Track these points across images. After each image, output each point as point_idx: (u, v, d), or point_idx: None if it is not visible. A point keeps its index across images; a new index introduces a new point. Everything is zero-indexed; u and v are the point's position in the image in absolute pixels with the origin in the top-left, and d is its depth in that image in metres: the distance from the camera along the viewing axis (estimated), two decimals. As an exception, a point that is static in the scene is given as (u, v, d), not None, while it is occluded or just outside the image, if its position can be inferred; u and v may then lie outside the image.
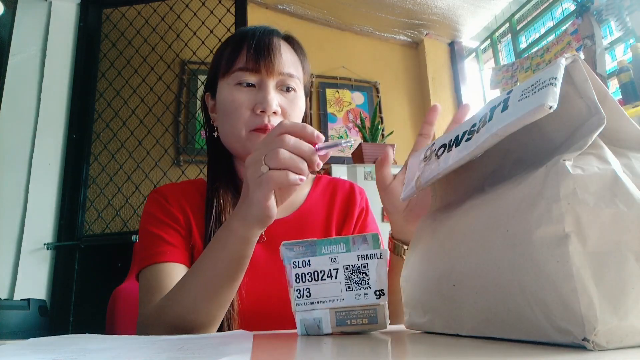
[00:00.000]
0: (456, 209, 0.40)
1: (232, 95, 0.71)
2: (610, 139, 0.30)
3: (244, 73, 0.70)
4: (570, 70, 0.30)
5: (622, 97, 1.90)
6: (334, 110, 3.10)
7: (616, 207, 0.26)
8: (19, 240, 2.14)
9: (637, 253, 0.25)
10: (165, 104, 2.46)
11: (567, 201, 0.26)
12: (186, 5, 2.53)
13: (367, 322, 0.41)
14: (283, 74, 0.72)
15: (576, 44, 2.37)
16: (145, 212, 0.74)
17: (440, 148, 0.41)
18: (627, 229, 0.25)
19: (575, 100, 0.30)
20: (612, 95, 0.31)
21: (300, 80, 0.76)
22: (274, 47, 0.72)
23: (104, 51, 2.51)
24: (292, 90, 0.73)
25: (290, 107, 0.72)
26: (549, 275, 0.26)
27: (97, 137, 2.40)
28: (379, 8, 3.02)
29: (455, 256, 0.35)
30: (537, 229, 0.27)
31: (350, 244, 0.42)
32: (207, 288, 0.56)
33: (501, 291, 0.30)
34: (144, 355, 0.31)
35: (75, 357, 0.31)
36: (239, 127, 0.70)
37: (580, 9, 2.35)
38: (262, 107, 0.69)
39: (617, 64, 2.02)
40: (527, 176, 0.30)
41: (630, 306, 0.24)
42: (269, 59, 0.70)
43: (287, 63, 0.73)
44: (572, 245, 0.25)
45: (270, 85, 0.70)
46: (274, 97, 0.70)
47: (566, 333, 0.25)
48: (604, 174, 0.26)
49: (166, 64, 2.50)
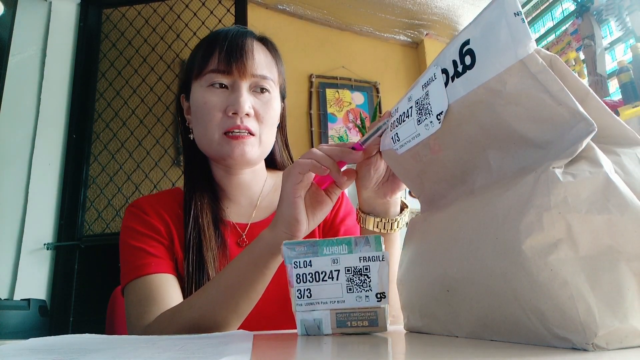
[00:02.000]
0: (446, 211, 0.39)
1: (205, 97, 0.70)
2: (597, 137, 0.30)
3: (216, 75, 0.70)
4: (542, 81, 0.29)
5: (622, 97, 1.90)
6: (334, 110, 3.10)
7: (609, 212, 0.25)
8: (19, 240, 2.13)
9: (629, 254, 0.25)
10: (165, 104, 2.46)
11: (558, 210, 0.26)
12: (186, 5, 2.53)
13: (367, 325, 0.41)
14: (256, 76, 0.71)
15: (576, 44, 2.37)
16: (124, 226, 0.73)
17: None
18: (619, 233, 0.25)
19: (554, 107, 0.29)
20: (592, 92, 0.31)
21: (275, 82, 0.75)
22: (247, 48, 0.71)
23: (104, 51, 2.51)
24: (267, 92, 0.72)
25: (264, 109, 0.71)
26: (543, 284, 0.26)
27: (97, 137, 2.40)
28: (379, 8, 3.01)
29: (448, 261, 0.35)
30: (527, 238, 0.27)
31: (352, 246, 0.42)
32: (226, 292, 0.56)
33: (496, 299, 0.30)
34: (144, 355, 0.31)
35: (75, 357, 0.31)
36: (211, 130, 0.69)
37: (580, 9, 2.35)
38: (234, 109, 0.68)
39: (617, 64, 2.02)
40: (516, 182, 0.30)
41: (629, 307, 0.24)
42: (241, 60, 0.69)
43: (260, 65, 0.72)
44: (563, 252, 0.25)
45: (243, 87, 0.70)
46: (247, 98, 0.69)
47: (565, 340, 0.25)
48: (596, 179, 0.26)
49: (166, 64, 2.50)
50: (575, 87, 0.30)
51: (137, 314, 0.64)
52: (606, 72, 2.24)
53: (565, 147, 0.28)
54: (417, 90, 0.41)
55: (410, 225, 0.46)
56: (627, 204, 0.25)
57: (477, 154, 0.36)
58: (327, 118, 3.05)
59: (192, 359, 0.29)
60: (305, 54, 3.02)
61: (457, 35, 0.35)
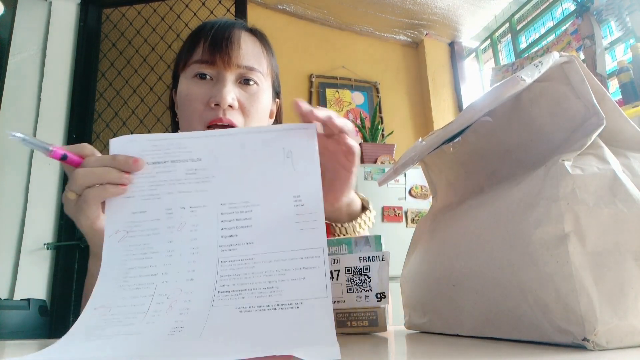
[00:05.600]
0: (455, 210, 0.40)
1: (188, 88, 0.67)
2: (609, 139, 0.30)
3: (200, 65, 0.67)
4: (566, 70, 0.30)
5: (622, 97, 1.90)
6: (334, 110, 3.10)
7: (615, 207, 0.26)
8: (19, 240, 2.13)
9: (636, 253, 0.25)
10: (165, 104, 2.46)
11: (566, 201, 0.26)
12: (186, 5, 2.53)
13: (367, 325, 0.41)
14: (241, 67, 0.67)
15: (576, 44, 2.37)
16: None
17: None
18: (626, 229, 0.25)
19: (573, 100, 0.30)
20: (610, 95, 0.32)
21: (264, 75, 0.71)
22: (233, 38, 0.68)
23: (104, 51, 2.51)
24: (254, 84, 0.69)
25: (250, 102, 0.67)
26: (549, 276, 0.26)
27: (97, 137, 2.40)
28: (379, 8, 3.01)
29: (455, 256, 0.35)
30: (536, 229, 0.27)
31: (353, 246, 0.42)
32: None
33: (501, 291, 0.30)
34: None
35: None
36: (194, 122, 0.66)
37: (580, 9, 2.35)
38: (215, 101, 0.64)
39: (617, 64, 2.02)
40: (526, 176, 0.30)
41: (630, 306, 0.24)
42: (226, 50, 0.66)
43: (247, 56, 0.68)
44: (571, 246, 0.25)
45: (227, 78, 0.66)
46: (230, 90, 0.65)
47: (566, 333, 0.25)
48: (604, 174, 0.26)
49: (166, 64, 2.50)
50: (593, 88, 0.30)
51: None
52: (606, 72, 2.24)
53: (575, 140, 0.29)
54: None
55: (419, 225, 0.46)
56: (634, 201, 0.26)
57: (498, 160, 0.37)
58: (327, 118, 3.05)
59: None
60: (305, 54, 3.02)
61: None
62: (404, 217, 2.23)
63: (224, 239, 0.38)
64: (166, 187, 0.40)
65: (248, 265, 0.37)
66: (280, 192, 0.40)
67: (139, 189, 0.40)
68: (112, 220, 0.39)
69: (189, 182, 0.40)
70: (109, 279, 0.37)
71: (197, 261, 0.37)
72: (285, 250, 0.37)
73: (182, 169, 0.40)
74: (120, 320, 0.34)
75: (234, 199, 0.40)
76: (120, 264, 0.37)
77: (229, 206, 0.39)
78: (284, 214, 0.39)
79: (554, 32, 2.73)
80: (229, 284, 0.35)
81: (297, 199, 0.40)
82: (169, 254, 0.38)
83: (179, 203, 0.39)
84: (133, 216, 0.39)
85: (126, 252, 0.38)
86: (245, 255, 0.37)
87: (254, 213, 0.39)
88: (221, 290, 0.35)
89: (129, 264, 0.37)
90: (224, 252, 0.38)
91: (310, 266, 0.36)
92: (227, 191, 0.40)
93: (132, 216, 0.39)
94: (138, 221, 0.39)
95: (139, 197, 0.40)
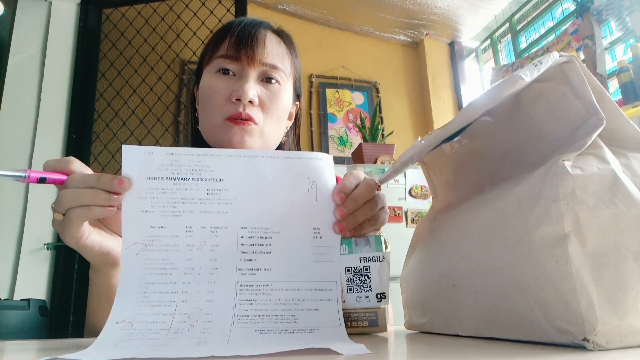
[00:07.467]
0: (456, 210, 0.40)
1: (211, 82, 0.68)
2: (609, 139, 0.30)
3: (224, 60, 0.68)
4: (566, 70, 0.30)
5: (622, 97, 1.90)
6: (334, 110, 3.10)
7: (615, 207, 0.26)
8: (19, 240, 2.13)
9: (635, 253, 0.25)
10: (165, 104, 2.46)
11: (566, 201, 0.26)
12: (186, 5, 2.53)
13: (367, 325, 0.41)
14: (265, 64, 0.68)
15: (576, 44, 2.37)
16: None
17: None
18: (626, 229, 0.25)
19: (573, 100, 0.30)
20: (610, 95, 0.32)
21: (286, 75, 0.72)
22: (259, 36, 0.69)
23: (104, 51, 2.51)
24: (276, 83, 0.70)
25: (270, 100, 0.68)
26: (549, 276, 0.26)
27: (97, 137, 2.40)
28: (379, 8, 3.01)
29: (455, 256, 0.35)
30: (536, 229, 0.27)
31: (353, 246, 0.42)
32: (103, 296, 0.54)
33: (501, 291, 0.30)
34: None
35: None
36: (214, 115, 0.67)
37: (580, 9, 2.35)
38: (237, 95, 0.65)
39: (617, 64, 2.02)
40: (526, 176, 0.30)
41: (630, 306, 0.24)
42: (250, 46, 0.67)
43: (271, 54, 0.69)
44: (571, 245, 0.25)
45: (251, 74, 0.67)
46: (252, 86, 0.67)
47: (566, 333, 0.25)
48: (604, 174, 0.26)
49: (166, 64, 2.50)
50: (593, 88, 0.30)
51: None
52: (606, 72, 2.24)
53: (575, 140, 0.29)
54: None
55: (419, 225, 0.46)
56: (634, 201, 0.26)
57: (498, 161, 0.37)
58: (327, 118, 3.05)
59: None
60: (305, 54, 3.01)
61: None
62: (404, 217, 2.23)
63: (243, 263, 0.39)
64: (187, 205, 0.40)
65: (265, 292, 0.38)
66: (301, 223, 0.41)
67: (159, 204, 0.40)
68: (129, 232, 0.39)
69: (211, 203, 0.41)
70: (128, 293, 0.37)
71: (216, 282, 0.38)
72: (301, 280, 0.39)
73: (204, 188, 0.41)
74: (144, 335, 0.34)
75: (255, 223, 0.41)
76: (140, 278, 0.38)
77: (249, 230, 0.40)
78: (303, 244, 0.41)
79: (554, 32, 2.73)
80: (247, 309, 0.37)
81: (317, 230, 0.42)
82: (188, 272, 0.38)
83: (200, 222, 0.40)
84: (152, 230, 0.39)
85: (145, 266, 0.38)
86: (263, 280, 0.39)
87: (273, 240, 0.40)
88: (240, 314, 0.37)
89: (148, 278, 0.38)
90: (243, 275, 0.39)
91: (324, 298, 0.39)
92: (248, 215, 0.41)
93: (151, 230, 0.39)
94: (157, 235, 0.39)
95: (159, 213, 0.40)
